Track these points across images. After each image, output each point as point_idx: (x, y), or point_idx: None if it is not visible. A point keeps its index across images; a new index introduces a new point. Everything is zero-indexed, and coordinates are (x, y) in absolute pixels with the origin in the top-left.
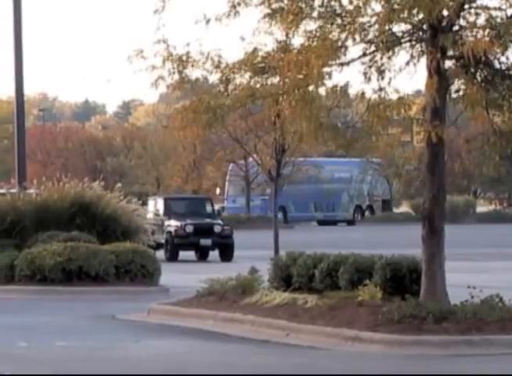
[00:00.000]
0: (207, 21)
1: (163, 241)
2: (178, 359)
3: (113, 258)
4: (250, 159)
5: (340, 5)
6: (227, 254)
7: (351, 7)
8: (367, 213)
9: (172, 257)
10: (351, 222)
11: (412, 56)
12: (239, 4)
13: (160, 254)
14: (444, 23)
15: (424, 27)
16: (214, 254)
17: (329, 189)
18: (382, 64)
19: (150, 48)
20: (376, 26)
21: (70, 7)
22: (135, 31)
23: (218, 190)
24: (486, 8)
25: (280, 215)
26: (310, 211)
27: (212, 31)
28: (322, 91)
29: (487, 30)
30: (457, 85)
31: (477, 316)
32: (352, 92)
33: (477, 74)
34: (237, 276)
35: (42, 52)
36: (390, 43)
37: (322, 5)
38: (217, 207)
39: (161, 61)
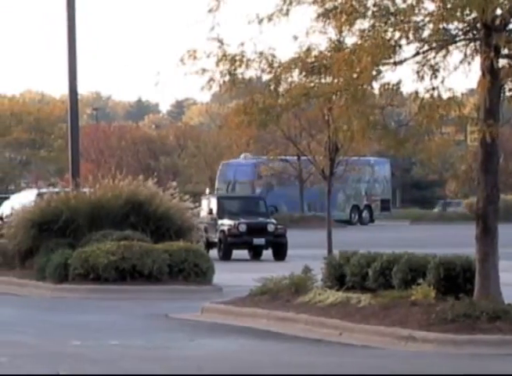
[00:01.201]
0: (260, 20)
1: (216, 240)
2: (231, 358)
3: (167, 257)
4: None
5: (394, 4)
6: (280, 253)
7: (404, 6)
8: (365, 213)
9: (225, 256)
10: (347, 223)
11: (465, 55)
12: (291, 3)
13: (214, 253)
14: (497, 22)
15: (478, 25)
16: (268, 253)
17: (323, 188)
18: (435, 63)
19: (203, 49)
20: (430, 25)
21: (123, 6)
22: (189, 30)
23: (207, 190)
24: None
25: None
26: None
27: (265, 30)
28: (375, 89)
29: None
30: (511, 84)
31: None
32: (405, 90)
33: None
34: (290, 275)
35: (96, 51)
36: (443, 42)
37: (375, 4)
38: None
39: (215, 61)
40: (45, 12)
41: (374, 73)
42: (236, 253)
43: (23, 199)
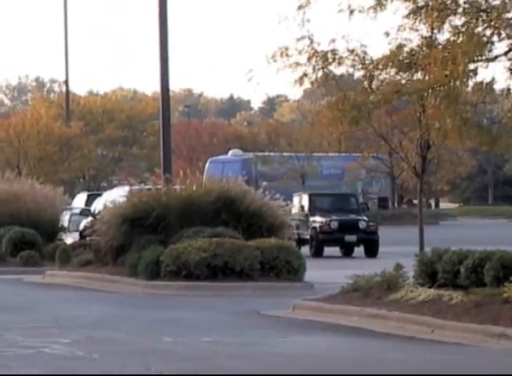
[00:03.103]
0: (351, 12)
1: (307, 237)
2: (323, 355)
3: (258, 254)
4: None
5: (486, 1)
6: (372, 250)
7: (496, 2)
8: None
9: (317, 253)
10: None
11: None
12: None
13: (305, 250)
14: None
15: None
16: (359, 250)
17: (317, 186)
18: None
19: (294, 46)
20: None
21: (215, 2)
22: (280, 26)
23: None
24: None
25: None
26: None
27: (356, 26)
28: (468, 87)
29: None
30: None
31: None
32: (498, 87)
33: None
34: (382, 273)
35: (188, 49)
36: None
37: (467, 1)
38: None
39: (306, 58)
40: (136, 10)
41: (468, 70)
42: (328, 250)
43: (116, 196)
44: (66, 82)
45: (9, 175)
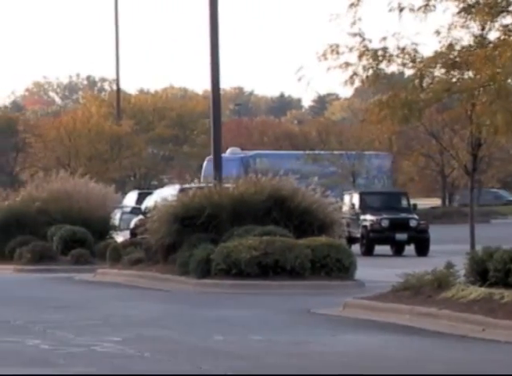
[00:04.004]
0: (401, 10)
1: (358, 235)
2: (374, 354)
3: (309, 253)
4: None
5: None
6: (423, 248)
7: None
8: None
9: (368, 251)
10: None
11: None
12: None
13: (356, 248)
14: None
15: None
16: (410, 248)
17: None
18: None
19: (345, 43)
20: None
21: (266, 0)
22: (330, 24)
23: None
24: None
25: None
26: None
27: (407, 25)
28: None
29: None
30: None
31: None
32: None
33: None
34: (433, 271)
35: (239, 47)
36: None
37: None
38: None
39: (357, 56)
40: (187, 8)
41: None
42: (378, 248)
43: (166, 194)
44: (117, 81)
45: (63, 174)
